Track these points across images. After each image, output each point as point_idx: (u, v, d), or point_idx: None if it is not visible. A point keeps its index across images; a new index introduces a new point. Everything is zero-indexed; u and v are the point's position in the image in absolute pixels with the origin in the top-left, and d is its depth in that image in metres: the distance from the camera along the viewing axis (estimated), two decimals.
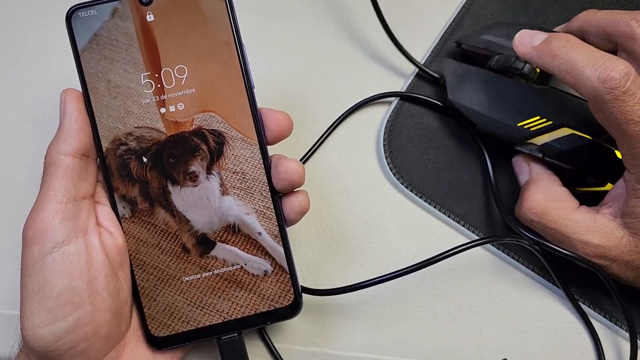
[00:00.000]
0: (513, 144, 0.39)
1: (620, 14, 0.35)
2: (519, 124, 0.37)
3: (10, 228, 0.40)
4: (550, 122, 0.36)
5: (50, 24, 0.45)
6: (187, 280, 0.34)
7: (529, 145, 0.38)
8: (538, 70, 0.37)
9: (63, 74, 0.43)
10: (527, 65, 0.37)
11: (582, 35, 0.37)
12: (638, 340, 0.37)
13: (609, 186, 0.37)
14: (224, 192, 0.34)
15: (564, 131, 0.36)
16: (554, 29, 0.40)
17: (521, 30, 0.36)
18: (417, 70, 0.43)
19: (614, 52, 0.36)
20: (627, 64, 0.31)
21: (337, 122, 0.42)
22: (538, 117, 0.36)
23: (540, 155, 0.37)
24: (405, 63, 0.43)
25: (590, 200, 0.37)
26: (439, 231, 0.41)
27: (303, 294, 0.35)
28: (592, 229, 0.34)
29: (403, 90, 0.43)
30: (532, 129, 0.36)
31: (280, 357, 0.38)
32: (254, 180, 0.34)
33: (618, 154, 0.35)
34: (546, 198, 0.36)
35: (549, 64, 0.34)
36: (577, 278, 0.39)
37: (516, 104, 0.37)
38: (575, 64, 0.32)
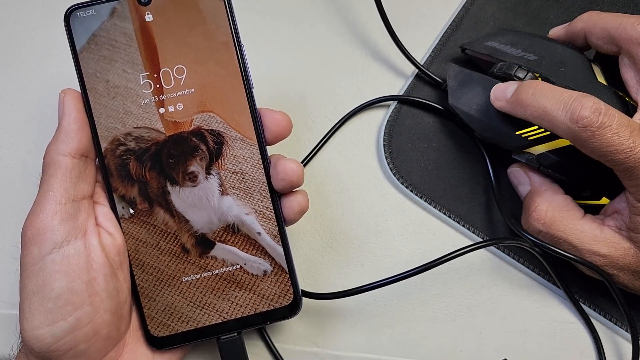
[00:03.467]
0: (510, 152, 0.38)
1: (626, 17, 0.35)
2: (517, 132, 0.36)
3: (10, 228, 0.40)
4: (548, 133, 0.35)
5: (50, 24, 0.45)
6: (186, 281, 0.34)
7: (525, 154, 0.37)
8: (539, 78, 0.36)
9: (63, 74, 0.43)
10: (530, 74, 0.36)
11: (584, 37, 0.37)
12: None
13: (604, 200, 0.36)
14: (223, 192, 0.34)
15: (562, 142, 0.35)
16: (553, 29, 0.40)
17: (495, 85, 0.36)
18: (417, 71, 0.43)
19: (616, 55, 0.36)
20: (595, 99, 0.31)
21: (335, 127, 0.42)
22: (536, 127, 0.35)
23: (537, 165, 0.37)
24: (406, 63, 0.43)
25: (587, 212, 0.36)
26: (439, 231, 0.41)
27: (303, 297, 0.35)
28: (599, 238, 0.34)
29: (402, 92, 0.43)
30: (530, 138, 0.36)
31: (281, 357, 0.38)
32: (253, 180, 0.34)
33: None
34: (552, 207, 0.36)
35: (523, 114, 0.34)
36: (578, 279, 0.39)
37: None
38: (546, 109, 0.33)
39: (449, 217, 0.40)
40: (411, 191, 0.41)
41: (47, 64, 0.44)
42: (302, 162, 0.41)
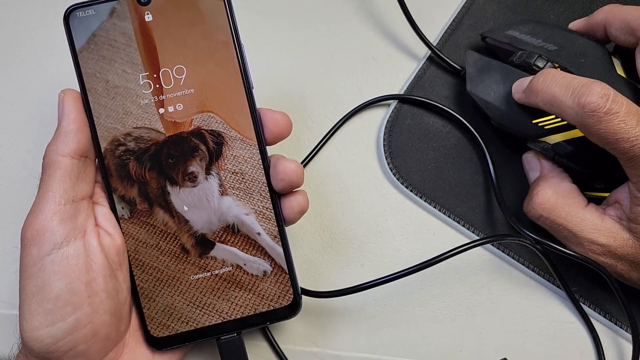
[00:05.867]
0: (526, 141, 0.39)
1: None
2: (533, 121, 0.37)
3: (10, 228, 0.40)
4: (564, 122, 0.36)
5: (50, 24, 0.45)
6: (186, 281, 0.34)
7: (541, 143, 0.38)
8: (558, 68, 0.37)
9: (63, 74, 0.43)
10: (549, 63, 0.37)
11: (604, 29, 0.37)
12: None
13: None
14: (223, 193, 0.34)
15: (578, 132, 0.36)
16: (573, 22, 0.40)
17: (517, 80, 0.37)
18: (417, 71, 0.43)
19: (634, 47, 0.36)
20: (604, 85, 0.31)
21: (335, 127, 0.42)
22: (553, 117, 0.36)
23: (551, 154, 0.37)
24: (405, 61, 0.43)
25: (596, 204, 0.36)
26: (439, 231, 0.41)
27: (303, 296, 0.35)
28: (599, 227, 0.35)
29: (403, 90, 0.43)
30: (546, 127, 0.36)
31: (285, 357, 0.38)
32: (253, 180, 0.34)
33: None
34: (556, 194, 0.36)
35: (535, 101, 0.35)
36: (578, 278, 0.39)
37: None
38: (555, 95, 0.33)
39: (449, 217, 0.40)
40: (411, 191, 0.41)
41: (47, 64, 0.44)
42: (302, 162, 0.41)
